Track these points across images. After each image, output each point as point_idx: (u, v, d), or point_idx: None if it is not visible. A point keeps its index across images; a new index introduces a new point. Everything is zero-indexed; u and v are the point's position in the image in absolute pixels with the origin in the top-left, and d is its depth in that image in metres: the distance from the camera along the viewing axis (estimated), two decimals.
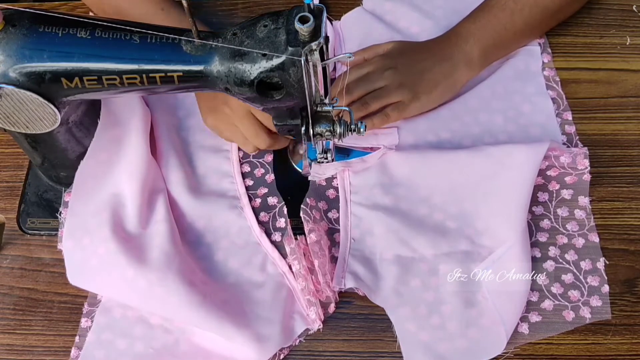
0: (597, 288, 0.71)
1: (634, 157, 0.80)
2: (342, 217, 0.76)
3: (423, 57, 0.80)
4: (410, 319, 0.69)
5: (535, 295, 0.70)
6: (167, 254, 0.70)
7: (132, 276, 0.68)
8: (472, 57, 0.80)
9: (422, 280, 0.71)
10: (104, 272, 0.69)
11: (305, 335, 0.70)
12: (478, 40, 0.80)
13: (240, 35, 0.59)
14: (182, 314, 0.68)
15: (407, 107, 0.78)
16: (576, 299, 0.70)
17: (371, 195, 0.76)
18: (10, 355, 0.71)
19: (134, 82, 0.62)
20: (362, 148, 0.79)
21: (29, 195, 0.80)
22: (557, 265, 0.72)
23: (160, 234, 0.71)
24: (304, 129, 0.65)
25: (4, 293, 0.74)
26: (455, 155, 0.76)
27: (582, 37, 0.88)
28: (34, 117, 0.64)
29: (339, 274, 0.71)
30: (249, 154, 0.81)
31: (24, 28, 0.60)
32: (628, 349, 0.69)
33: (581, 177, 0.77)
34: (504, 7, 0.80)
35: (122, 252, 0.69)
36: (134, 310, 0.71)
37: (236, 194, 0.78)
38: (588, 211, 0.75)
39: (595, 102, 0.83)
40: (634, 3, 0.90)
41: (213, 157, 0.81)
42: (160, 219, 0.73)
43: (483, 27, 0.81)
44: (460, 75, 0.81)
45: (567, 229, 0.74)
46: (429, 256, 0.72)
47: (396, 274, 0.72)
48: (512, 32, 0.81)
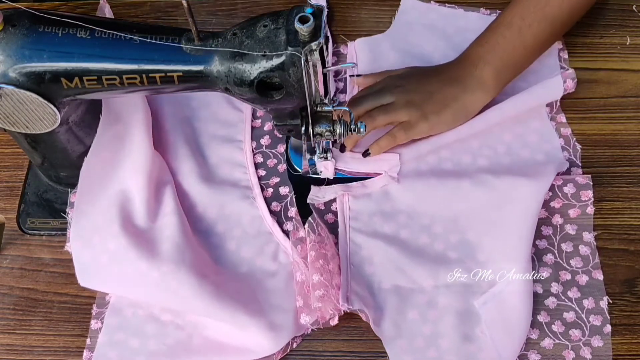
0: (599, 328, 0.69)
1: (634, 157, 0.80)
2: (341, 243, 0.75)
3: (433, 80, 0.79)
4: (407, 351, 0.68)
5: (535, 333, 0.69)
6: (179, 245, 0.70)
7: (145, 269, 0.68)
8: (484, 80, 0.78)
9: (420, 313, 0.70)
10: (115, 267, 0.69)
11: (316, 326, 0.70)
12: (488, 63, 0.78)
13: (240, 35, 0.59)
14: (196, 305, 0.68)
15: (415, 127, 0.76)
16: (577, 339, 0.68)
17: (371, 222, 0.75)
18: (10, 355, 0.71)
19: (133, 82, 0.62)
20: (364, 173, 0.78)
21: (29, 195, 0.80)
22: (559, 302, 0.70)
23: (170, 226, 0.72)
24: (304, 129, 0.65)
25: (4, 293, 0.74)
26: (458, 184, 0.75)
27: (582, 37, 0.88)
28: (34, 117, 0.64)
29: (345, 293, 0.70)
30: (262, 145, 0.82)
31: (23, 28, 0.60)
32: (628, 349, 0.69)
33: (585, 210, 0.75)
34: (511, 25, 0.78)
35: (133, 245, 0.69)
36: (144, 308, 0.71)
37: (248, 184, 0.78)
38: (593, 247, 0.73)
39: (595, 102, 0.83)
40: (634, 3, 0.90)
41: (226, 147, 0.81)
42: (169, 211, 0.73)
43: (492, 49, 0.78)
44: (474, 99, 0.78)
45: (570, 264, 0.72)
46: (428, 287, 0.71)
47: (394, 305, 0.71)
48: (522, 49, 0.79)
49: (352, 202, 0.77)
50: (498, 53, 0.78)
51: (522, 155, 0.79)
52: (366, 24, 0.91)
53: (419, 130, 0.77)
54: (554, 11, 0.78)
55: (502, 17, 0.79)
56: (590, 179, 0.76)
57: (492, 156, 0.79)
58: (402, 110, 0.76)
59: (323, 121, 0.65)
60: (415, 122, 0.76)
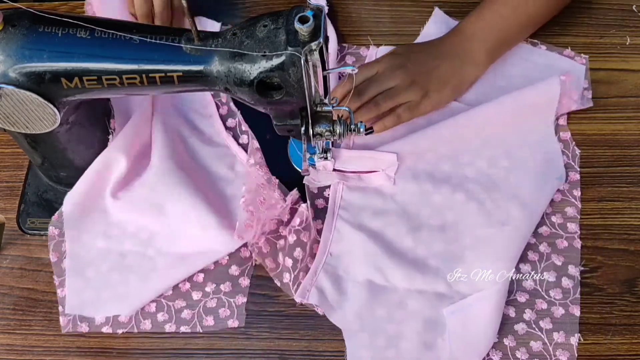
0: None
1: (634, 157, 0.79)
2: (325, 230, 0.75)
3: (431, 56, 0.80)
4: (366, 346, 0.68)
5: (498, 355, 0.68)
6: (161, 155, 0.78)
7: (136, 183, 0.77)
8: (477, 56, 0.80)
9: (388, 311, 0.70)
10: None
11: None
12: (482, 40, 0.80)
13: (240, 35, 0.59)
14: (173, 198, 0.75)
15: (418, 106, 0.78)
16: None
17: (359, 215, 0.76)
18: (10, 355, 0.71)
19: (133, 82, 0.62)
20: (361, 173, 0.78)
21: (29, 195, 0.80)
22: (529, 330, 0.69)
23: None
24: (303, 129, 0.65)
25: (4, 293, 0.74)
26: (453, 195, 0.75)
27: (582, 37, 0.88)
28: (33, 117, 0.64)
29: (306, 286, 0.71)
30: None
31: (23, 28, 0.60)
32: (628, 349, 0.69)
33: (572, 243, 0.73)
34: (506, 2, 0.80)
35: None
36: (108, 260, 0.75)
37: (205, 103, 0.85)
38: (576, 281, 0.71)
39: (595, 102, 0.83)
40: (634, 3, 0.90)
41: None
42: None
43: (486, 26, 0.80)
44: (468, 74, 0.81)
45: (549, 295, 0.71)
46: (401, 289, 0.71)
47: (364, 299, 0.71)
48: (516, 27, 0.81)
49: (345, 192, 0.77)
50: (493, 30, 0.80)
51: (522, 162, 0.77)
52: (366, 24, 0.91)
53: (422, 108, 0.78)
54: None
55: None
56: (578, 211, 0.75)
57: (490, 158, 0.78)
58: (405, 92, 0.77)
59: (323, 121, 0.65)
60: (418, 101, 0.78)
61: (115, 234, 0.76)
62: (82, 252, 0.75)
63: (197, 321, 0.72)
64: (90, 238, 0.75)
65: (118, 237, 0.76)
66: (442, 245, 0.73)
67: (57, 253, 0.75)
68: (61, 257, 0.74)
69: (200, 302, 0.73)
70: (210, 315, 0.72)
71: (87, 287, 0.73)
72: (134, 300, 0.72)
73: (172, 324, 0.72)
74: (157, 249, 0.75)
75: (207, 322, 0.72)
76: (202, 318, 0.72)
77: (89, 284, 0.73)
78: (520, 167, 0.77)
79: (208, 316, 0.72)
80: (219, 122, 0.83)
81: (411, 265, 0.72)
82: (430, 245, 0.73)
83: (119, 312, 0.72)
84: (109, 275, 0.74)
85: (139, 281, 0.73)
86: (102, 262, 0.74)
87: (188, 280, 0.74)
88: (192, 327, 0.71)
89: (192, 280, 0.74)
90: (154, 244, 0.75)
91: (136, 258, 0.74)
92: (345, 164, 0.77)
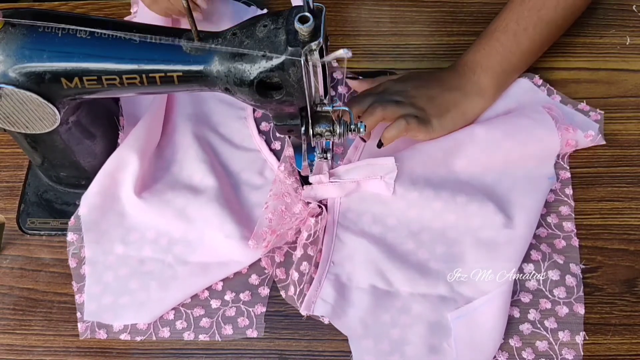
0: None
1: (634, 157, 0.79)
2: (326, 238, 0.74)
3: (433, 85, 0.78)
4: (371, 352, 0.68)
5: (504, 356, 0.68)
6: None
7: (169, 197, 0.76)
8: (482, 86, 0.78)
9: (391, 316, 0.70)
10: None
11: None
12: (486, 69, 0.78)
13: (240, 35, 0.59)
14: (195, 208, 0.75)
15: (419, 126, 0.75)
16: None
17: (360, 221, 0.75)
18: (10, 355, 0.71)
19: (133, 82, 0.62)
20: (359, 181, 0.76)
21: (29, 195, 0.80)
22: (534, 330, 0.69)
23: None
24: (303, 129, 0.65)
25: (4, 293, 0.74)
26: (453, 197, 0.74)
27: (582, 37, 0.88)
28: (33, 117, 0.64)
29: (311, 298, 0.71)
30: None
31: (23, 28, 0.60)
32: (628, 349, 0.69)
33: (570, 242, 0.74)
34: (506, 29, 0.77)
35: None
36: (127, 264, 0.74)
37: (243, 105, 0.83)
38: (579, 279, 0.71)
39: (595, 102, 0.83)
40: (634, 3, 0.90)
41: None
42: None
43: (488, 55, 0.78)
44: (472, 106, 0.78)
45: (553, 294, 0.71)
46: (405, 293, 0.71)
47: (367, 305, 0.70)
48: (518, 54, 0.78)
49: (343, 198, 0.77)
50: (495, 58, 0.78)
51: (522, 167, 0.77)
52: (366, 24, 0.91)
53: (422, 132, 0.75)
54: (549, 14, 0.77)
55: (497, 22, 0.79)
56: (572, 210, 0.75)
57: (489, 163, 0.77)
58: (405, 109, 0.75)
59: (323, 121, 0.65)
60: (421, 119, 0.75)
61: (134, 239, 0.75)
62: (101, 257, 0.74)
63: (216, 330, 0.71)
64: (108, 243, 0.75)
65: (137, 243, 0.75)
66: (444, 248, 0.73)
67: (75, 259, 0.74)
68: (80, 263, 0.74)
69: (219, 310, 0.72)
70: (228, 324, 0.71)
71: (105, 293, 0.73)
72: (153, 308, 0.71)
73: (190, 332, 0.71)
74: (177, 256, 0.74)
75: (225, 331, 0.71)
76: (220, 327, 0.71)
77: (107, 289, 0.73)
78: (515, 168, 0.77)
79: (227, 325, 0.71)
80: (252, 124, 0.83)
81: (413, 269, 0.72)
82: (432, 248, 0.73)
83: (139, 320, 0.71)
84: (127, 281, 0.73)
85: (159, 289, 0.72)
86: (120, 267, 0.74)
87: (207, 288, 0.73)
88: (211, 335, 0.71)
89: (211, 289, 0.73)
90: (173, 251, 0.74)
91: (156, 265, 0.74)
92: (342, 176, 0.76)
